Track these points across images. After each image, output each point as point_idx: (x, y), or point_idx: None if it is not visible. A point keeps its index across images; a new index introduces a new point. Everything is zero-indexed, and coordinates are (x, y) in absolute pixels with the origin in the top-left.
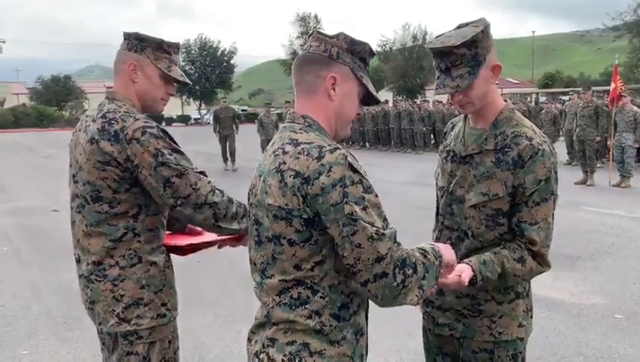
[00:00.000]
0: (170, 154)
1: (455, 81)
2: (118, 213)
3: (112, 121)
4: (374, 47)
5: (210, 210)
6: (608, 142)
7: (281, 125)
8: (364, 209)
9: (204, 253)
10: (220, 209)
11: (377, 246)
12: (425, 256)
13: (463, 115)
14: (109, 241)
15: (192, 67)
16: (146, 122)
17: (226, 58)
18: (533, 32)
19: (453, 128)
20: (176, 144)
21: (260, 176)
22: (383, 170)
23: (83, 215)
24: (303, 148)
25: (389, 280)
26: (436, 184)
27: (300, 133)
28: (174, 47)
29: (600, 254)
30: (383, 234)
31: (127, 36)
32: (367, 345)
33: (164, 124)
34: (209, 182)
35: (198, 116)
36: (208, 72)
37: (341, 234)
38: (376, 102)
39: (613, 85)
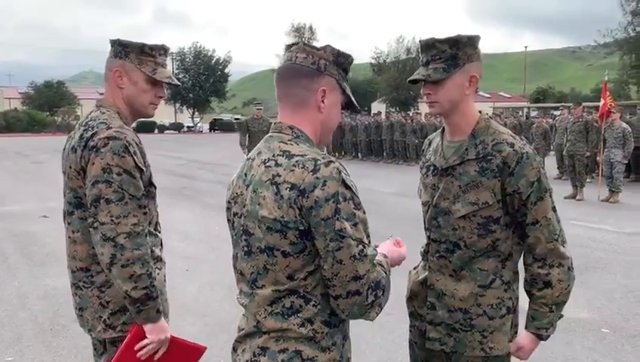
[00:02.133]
0: (119, 175)
1: (428, 72)
2: None
3: (89, 129)
4: (368, 59)
5: (112, 249)
6: (598, 158)
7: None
8: (355, 225)
9: (194, 262)
10: (122, 256)
11: (357, 266)
12: (387, 274)
13: (439, 131)
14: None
15: (186, 75)
16: (116, 132)
17: (220, 67)
18: (526, 47)
19: (430, 144)
20: (142, 163)
21: (248, 186)
22: (374, 181)
23: (69, 222)
24: (297, 161)
25: (362, 299)
26: (420, 200)
27: (291, 144)
28: (158, 49)
29: (588, 269)
30: (366, 255)
31: (112, 43)
32: (350, 349)
33: (156, 131)
34: (145, 230)
35: (191, 124)
36: (202, 80)
37: (326, 248)
38: (356, 109)
39: (602, 101)
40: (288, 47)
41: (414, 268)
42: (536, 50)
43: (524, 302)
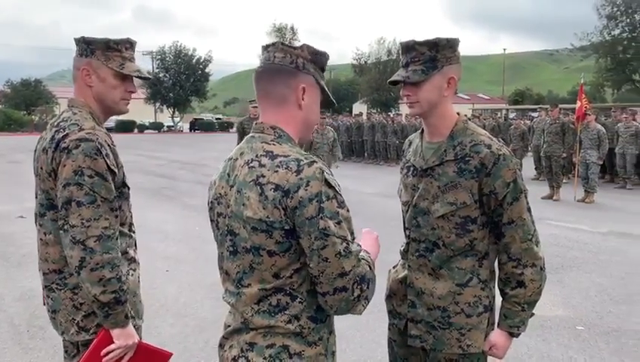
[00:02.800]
0: (91, 177)
1: (407, 73)
2: None
3: (60, 130)
4: (350, 60)
5: (81, 252)
6: (574, 159)
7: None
8: (338, 223)
9: (174, 263)
10: (91, 259)
11: (343, 262)
12: (371, 268)
13: (419, 132)
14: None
15: (167, 74)
16: (88, 133)
17: (201, 66)
18: (505, 49)
19: (410, 145)
20: (115, 164)
21: (232, 186)
22: (355, 182)
23: (41, 223)
24: (281, 162)
25: (348, 295)
26: (400, 199)
27: (273, 144)
28: (124, 43)
29: (564, 267)
30: (350, 252)
31: (77, 42)
32: (335, 343)
33: (136, 131)
34: (116, 234)
35: (171, 124)
36: (183, 79)
37: (311, 246)
38: (332, 105)
39: (579, 104)
40: (265, 47)
41: (394, 267)
42: (514, 53)
43: (497, 299)
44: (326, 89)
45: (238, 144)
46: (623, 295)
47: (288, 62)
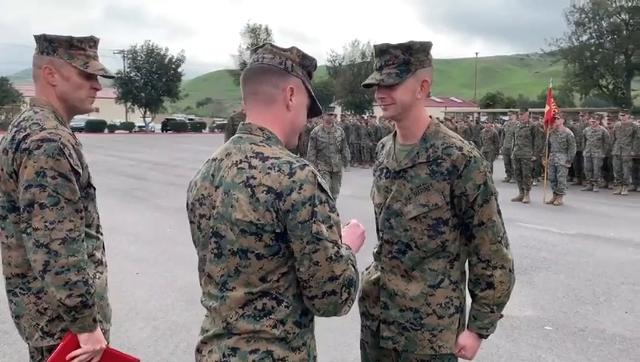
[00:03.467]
0: (54, 178)
1: (382, 76)
2: None
3: (21, 130)
4: (324, 62)
5: (45, 256)
6: (543, 162)
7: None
8: (330, 227)
9: (144, 265)
10: (56, 262)
11: (334, 266)
12: (355, 269)
13: (392, 134)
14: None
15: (138, 74)
16: (50, 133)
17: (173, 66)
18: (477, 53)
19: (383, 147)
20: (79, 164)
21: (218, 187)
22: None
23: (2, 227)
24: (272, 164)
25: (337, 298)
26: (373, 201)
27: (263, 145)
28: (87, 41)
29: (533, 269)
30: (341, 256)
31: (37, 39)
32: (316, 347)
33: (106, 131)
34: (82, 236)
35: (143, 124)
36: (154, 79)
37: (303, 250)
38: (320, 112)
39: (548, 108)
40: (255, 49)
41: (366, 269)
42: (487, 57)
43: (467, 300)
44: (313, 95)
45: (225, 141)
46: (589, 295)
47: (277, 62)
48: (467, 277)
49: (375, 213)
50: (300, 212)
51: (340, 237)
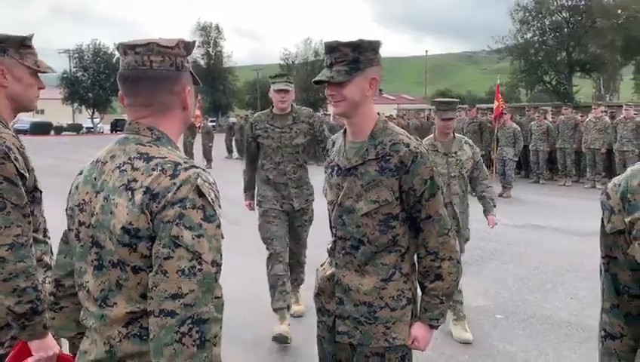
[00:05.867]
0: (0, 183)
1: (332, 73)
2: None
3: None
4: (277, 61)
5: None
6: (492, 156)
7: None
8: (198, 237)
9: None
10: (4, 269)
11: (182, 283)
12: (219, 318)
13: (341, 132)
14: None
15: (85, 74)
16: None
17: None
18: (427, 51)
19: (334, 145)
20: (25, 168)
21: (99, 193)
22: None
23: None
24: (156, 164)
25: (174, 323)
26: (326, 199)
27: (150, 146)
28: (30, 39)
29: (483, 260)
30: (195, 274)
31: None
32: None
33: (53, 133)
34: (30, 241)
35: (91, 125)
36: (102, 79)
37: (157, 253)
38: (198, 83)
39: (496, 103)
40: (131, 47)
41: (321, 266)
42: (436, 55)
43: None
44: (196, 77)
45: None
46: (537, 284)
47: (168, 65)
48: (416, 269)
49: (328, 210)
50: (167, 211)
51: (220, 253)
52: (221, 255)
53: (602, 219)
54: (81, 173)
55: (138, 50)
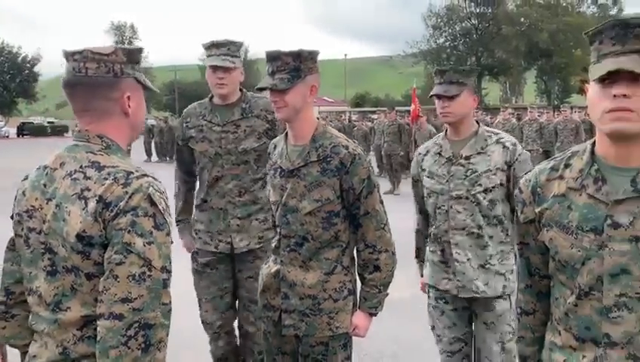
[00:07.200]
0: None
1: (274, 81)
2: None
3: None
4: (197, 61)
5: None
6: (410, 156)
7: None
8: (149, 243)
9: None
10: None
11: (132, 287)
12: (166, 324)
13: (282, 135)
14: None
15: None
16: None
17: (28, 65)
18: (346, 55)
19: (275, 148)
20: None
21: (50, 200)
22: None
23: None
24: (109, 173)
25: (121, 326)
26: (269, 199)
27: (101, 155)
28: None
29: (408, 253)
30: (145, 280)
31: None
32: None
33: None
34: None
35: None
36: (7, 80)
37: (109, 259)
38: (155, 93)
39: (413, 106)
40: (71, 54)
41: (265, 264)
42: (356, 58)
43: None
44: (147, 83)
45: None
46: None
47: (104, 72)
48: (356, 262)
49: (272, 209)
50: (120, 219)
51: (169, 260)
52: (170, 262)
53: (516, 210)
54: (26, 179)
55: (76, 58)
